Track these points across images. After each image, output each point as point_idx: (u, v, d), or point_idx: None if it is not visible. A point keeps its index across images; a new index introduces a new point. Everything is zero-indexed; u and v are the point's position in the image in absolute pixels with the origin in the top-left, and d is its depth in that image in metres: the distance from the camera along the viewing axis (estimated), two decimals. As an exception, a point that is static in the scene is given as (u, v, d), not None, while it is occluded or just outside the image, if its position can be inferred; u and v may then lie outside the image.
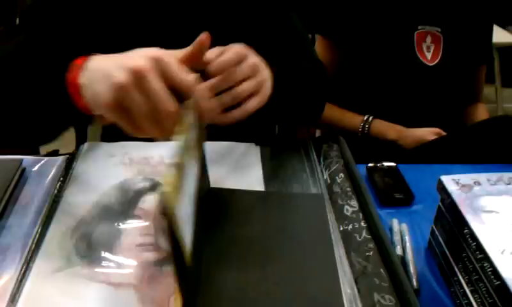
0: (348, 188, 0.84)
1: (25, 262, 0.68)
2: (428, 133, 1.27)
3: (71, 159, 0.89)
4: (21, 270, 0.66)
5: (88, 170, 0.85)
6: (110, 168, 0.85)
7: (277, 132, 1.26)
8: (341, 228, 0.77)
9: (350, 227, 0.77)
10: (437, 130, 1.27)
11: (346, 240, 0.75)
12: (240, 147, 0.94)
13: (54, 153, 0.93)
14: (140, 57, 0.54)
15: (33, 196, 0.78)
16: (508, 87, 2.77)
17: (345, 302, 0.66)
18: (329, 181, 0.87)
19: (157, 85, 0.53)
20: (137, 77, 0.53)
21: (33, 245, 0.70)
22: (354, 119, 1.34)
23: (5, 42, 0.91)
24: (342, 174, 0.87)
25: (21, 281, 0.65)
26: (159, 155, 0.89)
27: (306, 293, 0.66)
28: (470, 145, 1.11)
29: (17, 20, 2.50)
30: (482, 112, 1.45)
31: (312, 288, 0.67)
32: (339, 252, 0.73)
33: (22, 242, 0.70)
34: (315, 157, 0.94)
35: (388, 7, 1.31)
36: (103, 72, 0.55)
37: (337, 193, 0.84)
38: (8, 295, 0.63)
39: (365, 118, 1.33)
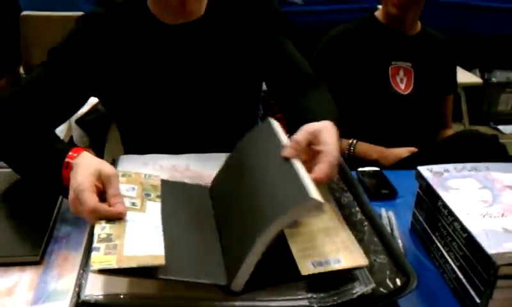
0: (343, 185, 1.02)
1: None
2: (404, 151, 1.47)
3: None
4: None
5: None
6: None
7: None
8: (339, 213, 0.95)
9: (347, 211, 0.95)
10: (412, 149, 1.47)
11: (346, 220, 0.92)
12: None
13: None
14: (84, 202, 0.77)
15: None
16: (475, 124, 3.00)
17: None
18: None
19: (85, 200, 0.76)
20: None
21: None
22: (341, 143, 1.53)
23: (8, 92, 1.08)
24: (337, 175, 1.05)
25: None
26: (185, 164, 1.06)
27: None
28: (439, 157, 1.31)
29: (21, 69, 2.66)
30: (451, 136, 1.66)
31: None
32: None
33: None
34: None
35: (365, 47, 1.53)
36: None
37: (334, 188, 1.01)
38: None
39: (350, 141, 1.53)
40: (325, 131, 0.82)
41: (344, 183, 1.03)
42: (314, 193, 0.71)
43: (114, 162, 1.08)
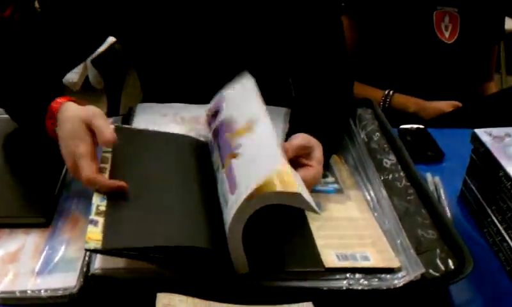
0: (385, 145, 0.91)
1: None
2: (447, 105, 1.34)
3: (125, 119, 0.95)
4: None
5: (145, 127, 0.91)
6: (164, 126, 0.92)
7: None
8: (382, 178, 0.84)
9: (390, 176, 0.84)
10: (455, 102, 1.35)
11: (388, 187, 0.82)
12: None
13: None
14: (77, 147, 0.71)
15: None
16: (512, 75, 2.84)
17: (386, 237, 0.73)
18: (366, 139, 0.94)
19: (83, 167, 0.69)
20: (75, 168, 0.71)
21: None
22: (375, 94, 1.41)
23: (23, 29, 0.99)
24: (378, 134, 0.94)
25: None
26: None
27: None
28: (486, 114, 1.19)
29: (36, 3, 2.54)
30: (494, 90, 1.53)
31: None
32: (382, 194, 0.80)
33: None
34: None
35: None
36: (63, 152, 0.74)
37: (375, 149, 0.91)
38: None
39: (386, 92, 1.40)
40: (318, 149, 0.80)
41: (386, 142, 0.92)
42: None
43: (130, 111, 0.98)
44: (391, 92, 1.40)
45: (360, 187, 0.83)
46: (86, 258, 0.66)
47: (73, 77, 1.85)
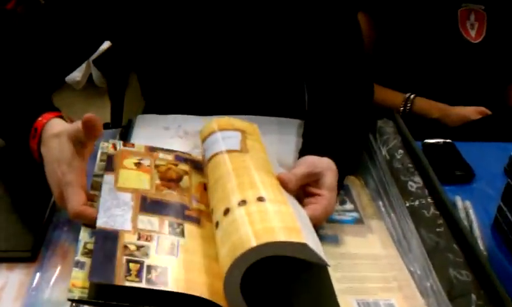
0: (410, 165, 0.82)
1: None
2: (473, 112, 1.25)
3: (125, 132, 0.87)
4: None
5: (145, 142, 0.83)
6: (166, 141, 0.84)
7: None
8: (407, 204, 0.75)
9: (416, 203, 0.76)
10: (482, 109, 1.25)
11: (414, 216, 0.73)
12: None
13: (105, 126, 0.91)
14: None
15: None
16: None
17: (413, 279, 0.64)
18: (388, 157, 0.85)
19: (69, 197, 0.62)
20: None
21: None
22: (396, 97, 1.32)
23: (27, 24, 0.91)
24: (401, 151, 0.85)
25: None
26: (214, 128, 0.87)
27: None
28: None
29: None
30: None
31: None
32: (408, 227, 0.71)
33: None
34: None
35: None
36: (48, 178, 0.66)
37: (399, 169, 0.82)
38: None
39: (407, 95, 1.31)
40: (329, 175, 0.70)
41: (411, 161, 0.83)
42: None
43: (130, 123, 0.89)
44: (412, 96, 1.30)
45: (383, 216, 0.75)
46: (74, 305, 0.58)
47: (76, 75, 1.78)
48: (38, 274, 0.63)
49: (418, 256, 0.67)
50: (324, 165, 0.70)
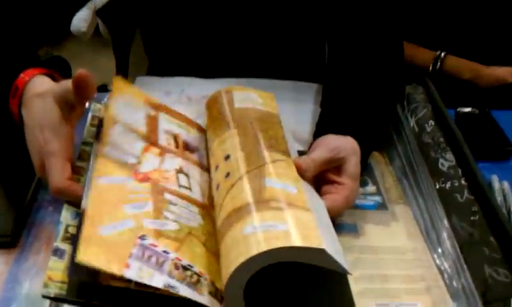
0: (441, 139, 0.73)
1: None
2: (509, 73, 1.13)
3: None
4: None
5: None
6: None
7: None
8: (437, 186, 0.66)
9: (448, 185, 0.66)
10: (519, 70, 1.13)
11: (445, 201, 0.64)
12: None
13: (102, 88, 0.83)
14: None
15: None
16: None
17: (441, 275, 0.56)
18: (416, 129, 0.75)
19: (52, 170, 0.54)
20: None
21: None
22: (424, 55, 1.20)
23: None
24: (431, 122, 0.76)
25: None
26: (221, 93, 0.78)
27: None
28: None
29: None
30: None
31: None
32: (438, 214, 0.62)
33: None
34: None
35: None
36: (29, 145, 0.58)
37: (429, 144, 0.72)
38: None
39: (438, 53, 1.19)
40: (353, 160, 0.60)
41: (442, 135, 0.73)
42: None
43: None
44: (443, 54, 1.19)
45: (409, 201, 0.65)
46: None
47: (81, 25, 1.67)
48: (17, 263, 0.56)
49: (449, 251, 0.59)
50: (348, 150, 0.60)
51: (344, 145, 0.60)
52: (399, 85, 0.78)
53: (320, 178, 0.59)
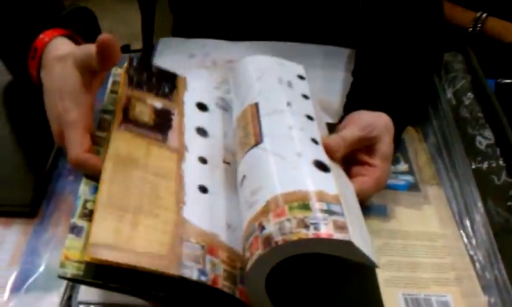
0: (480, 114, 0.68)
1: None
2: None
3: (144, 57, 0.76)
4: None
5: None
6: (191, 71, 0.72)
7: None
8: (473, 166, 0.63)
9: (485, 165, 0.63)
10: None
11: (481, 182, 0.61)
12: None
13: (125, 48, 0.80)
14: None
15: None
16: None
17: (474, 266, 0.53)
18: (454, 102, 0.71)
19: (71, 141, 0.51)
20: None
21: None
22: (464, 15, 1.14)
23: None
24: (470, 94, 0.71)
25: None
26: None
27: None
28: None
29: None
30: None
31: None
32: (473, 197, 0.59)
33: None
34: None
35: None
36: (47, 111, 0.55)
37: (466, 119, 0.68)
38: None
39: (479, 14, 1.12)
40: (386, 140, 0.57)
41: (481, 110, 0.69)
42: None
43: (151, 47, 0.78)
44: (484, 15, 1.12)
45: (443, 181, 0.62)
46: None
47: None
48: (36, 234, 0.56)
49: (483, 238, 0.55)
50: (381, 128, 0.56)
51: (377, 123, 0.56)
52: (438, 52, 0.73)
53: (349, 158, 0.56)
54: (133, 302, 0.47)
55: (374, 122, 0.56)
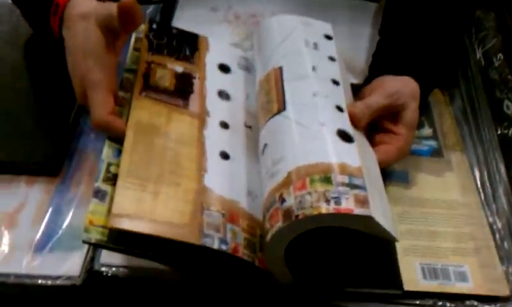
0: (510, 76, 0.66)
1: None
2: None
3: (166, 9, 0.74)
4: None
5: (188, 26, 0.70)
6: (213, 26, 0.70)
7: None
8: (499, 132, 0.61)
9: (511, 132, 0.61)
10: None
11: (506, 149, 0.60)
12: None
13: (145, -1, 0.78)
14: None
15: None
16: None
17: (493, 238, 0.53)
18: (483, 62, 0.69)
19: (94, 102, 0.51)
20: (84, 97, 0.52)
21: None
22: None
23: None
24: (501, 56, 0.68)
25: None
26: (271, 11, 0.72)
27: None
28: None
29: None
30: None
31: None
32: (497, 166, 0.58)
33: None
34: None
35: None
36: (70, 70, 0.54)
37: (495, 81, 0.66)
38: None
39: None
40: (411, 107, 0.55)
41: (510, 70, 0.67)
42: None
43: (167, 3, 0.76)
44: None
45: (467, 148, 0.61)
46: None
47: None
48: (59, 193, 0.56)
49: (504, 208, 0.55)
50: (407, 95, 0.55)
51: (403, 89, 0.55)
52: (469, 10, 0.70)
53: (373, 124, 0.55)
54: (155, 266, 0.48)
55: (400, 89, 0.54)
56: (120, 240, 0.44)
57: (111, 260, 0.50)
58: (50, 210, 0.55)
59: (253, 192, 0.49)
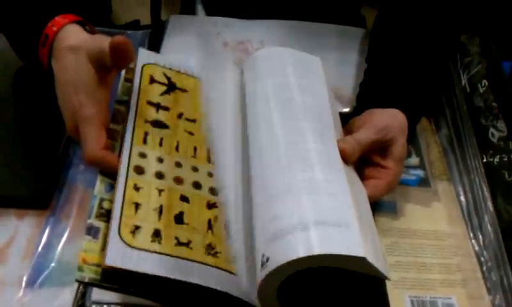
0: (494, 104, 0.67)
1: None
2: None
3: (154, 34, 0.74)
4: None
5: (176, 51, 0.70)
6: (198, 55, 0.70)
7: None
8: (484, 159, 0.62)
9: (496, 160, 0.62)
10: None
11: (491, 176, 0.61)
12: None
13: (135, 24, 0.78)
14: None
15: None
16: None
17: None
18: (468, 89, 0.70)
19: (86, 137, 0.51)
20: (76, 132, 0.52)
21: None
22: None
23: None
24: (485, 82, 0.70)
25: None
26: (259, 39, 0.73)
27: None
28: None
29: None
30: None
31: None
32: (483, 195, 0.59)
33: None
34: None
35: None
36: (60, 104, 0.54)
37: (480, 109, 0.67)
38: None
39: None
40: (400, 141, 0.56)
41: (495, 99, 0.68)
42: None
43: (161, 25, 0.76)
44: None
45: (453, 177, 0.62)
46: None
47: None
48: (49, 226, 0.56)
49: (490, 238, 0.56)
50: (396, 129, 0.55)
51: (392, 124, 0.55)
52: (454, 36, 0.70)
53: (362, 158, 0.55)
54: (148, 303, 0.48)
55: (389, 123, 0.55)
56: (113, 278, 0.44)
57: (102, 297, 0.49)
58: (40, 243, 0.55)
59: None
